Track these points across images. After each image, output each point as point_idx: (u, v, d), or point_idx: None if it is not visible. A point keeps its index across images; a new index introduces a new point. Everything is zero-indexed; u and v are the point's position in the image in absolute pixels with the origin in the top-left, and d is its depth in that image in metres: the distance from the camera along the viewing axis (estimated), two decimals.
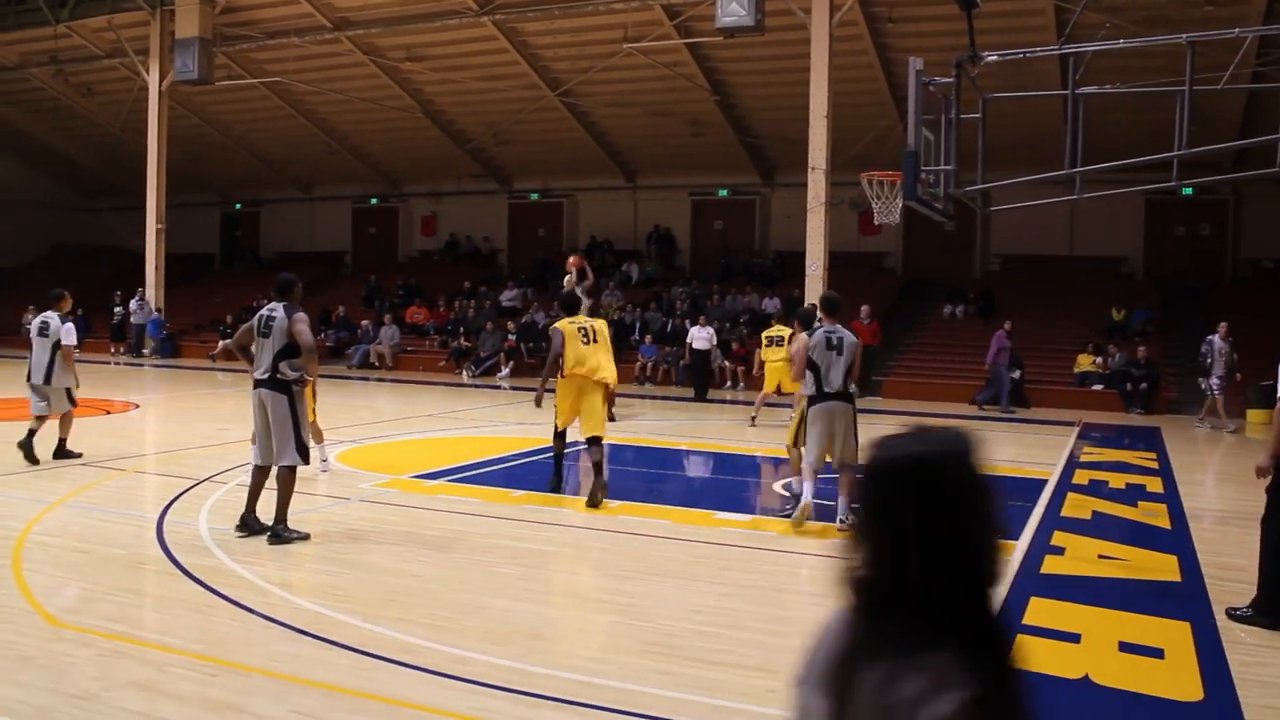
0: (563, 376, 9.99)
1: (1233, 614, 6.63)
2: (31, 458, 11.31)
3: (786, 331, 15.09)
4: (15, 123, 36.30)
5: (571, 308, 10.62)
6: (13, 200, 38.65)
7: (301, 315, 8.28)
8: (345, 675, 5.35)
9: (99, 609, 6.35)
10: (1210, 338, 17.95)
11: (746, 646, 5.96)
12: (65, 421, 11.87)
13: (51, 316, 11.76)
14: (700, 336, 22.50)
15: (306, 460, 8.39)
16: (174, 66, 27.36)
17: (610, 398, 11.47)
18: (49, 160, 39.42)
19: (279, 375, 8.15)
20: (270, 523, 8.19)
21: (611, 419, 12.86)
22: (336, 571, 7.42)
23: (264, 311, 8.38)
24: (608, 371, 10.19)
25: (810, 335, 9.35)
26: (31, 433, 11.49)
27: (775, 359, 15.16)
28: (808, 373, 9.25)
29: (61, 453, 11.71)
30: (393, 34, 27.00)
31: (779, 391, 15.33)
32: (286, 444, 8.17)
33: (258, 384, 8.25)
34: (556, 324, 10.15)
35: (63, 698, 4.94)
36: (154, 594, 7.02)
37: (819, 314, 9.78)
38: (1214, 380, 17.65)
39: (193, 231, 36.97)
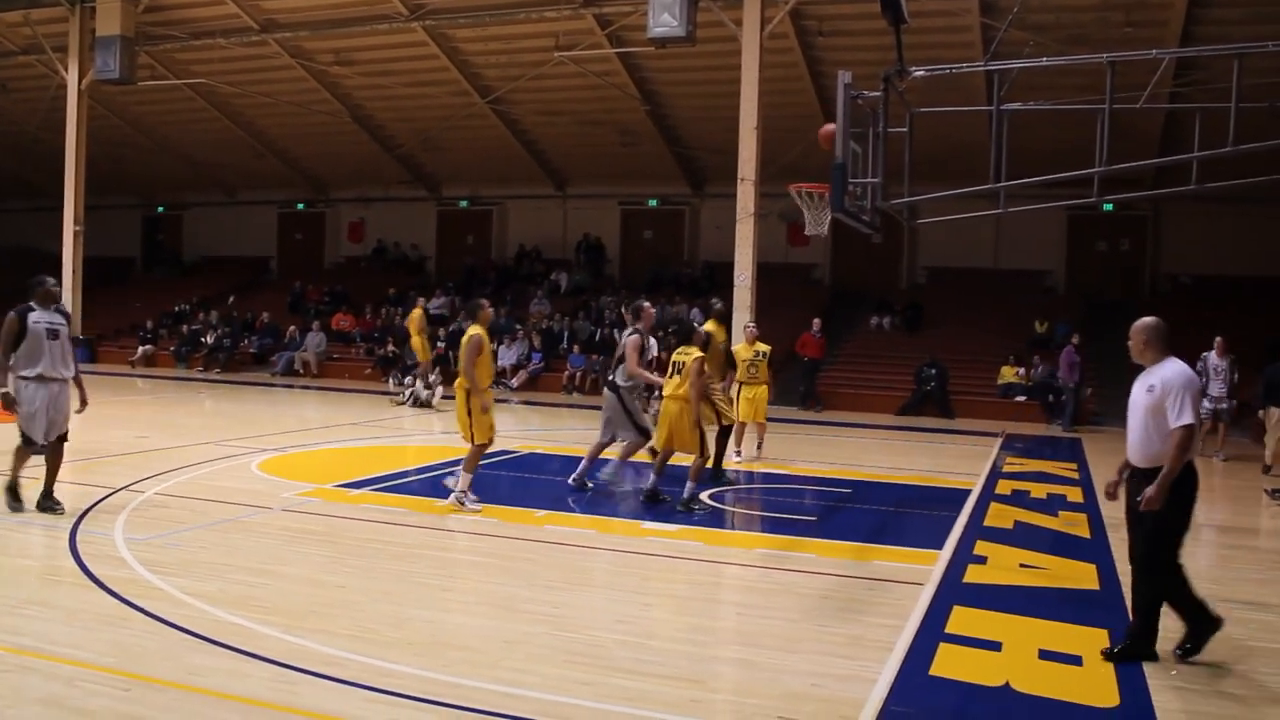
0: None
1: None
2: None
3: (766, 347, 14.64)
4: None
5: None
6: None
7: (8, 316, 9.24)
8: (265, 688, 5.24)
9: (6, 623, 6.15)
10: (1205, 355, 16.20)
11: (671, 656, 5.95)
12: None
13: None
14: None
15: (24, 443, 9.21)
16: (94, 65, 26.72)
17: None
18: None
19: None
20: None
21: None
22: (257, 582, 7.27)
23: None
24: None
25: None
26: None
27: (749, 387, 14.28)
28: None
29: None
30: (321, 37, 26.66)
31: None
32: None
33: None
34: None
35: None
36: (66, 606, 6.81)
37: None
38: (1204, 404, 15.82)
39: (113, 234, 36.19)
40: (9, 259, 36.83)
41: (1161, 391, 6.10)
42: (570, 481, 11.30)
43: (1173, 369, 6.16)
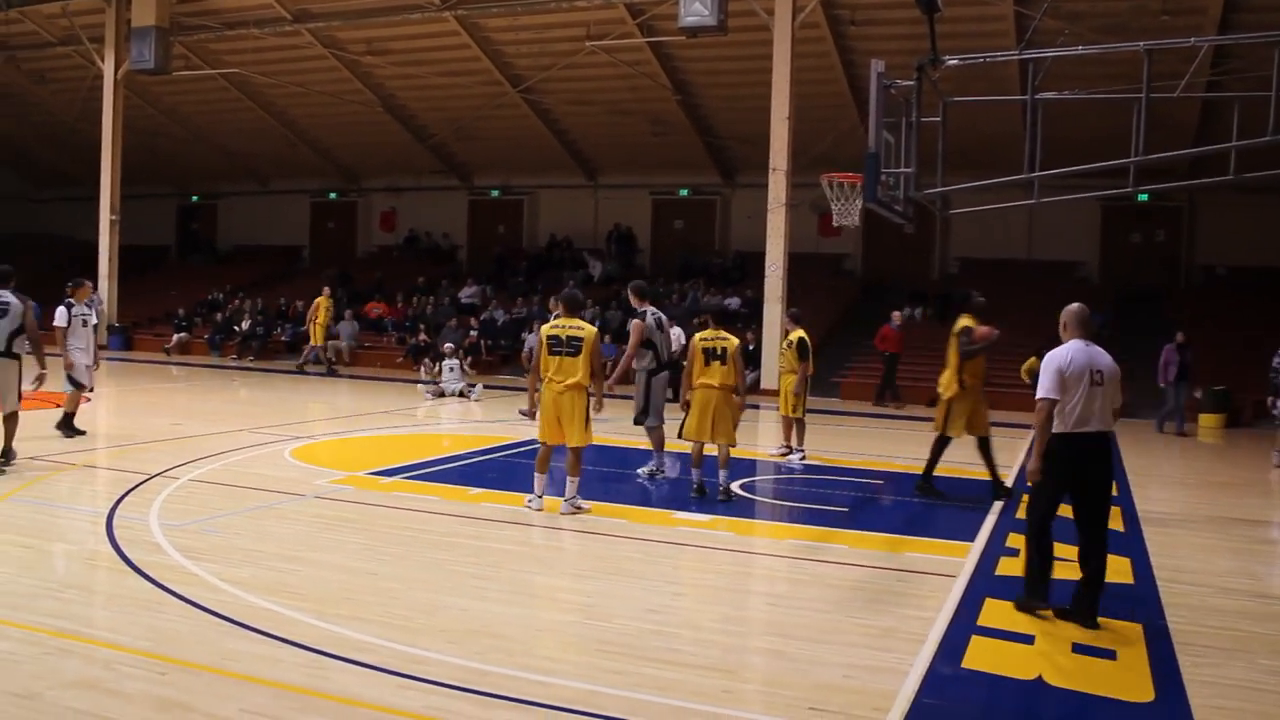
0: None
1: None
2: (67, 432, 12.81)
3: (795, 335, 13.56)
4: None
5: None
6: None
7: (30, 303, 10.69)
8: (298, 674, 5.28)
9: (45, 606, 6.22)
10: None
11: (702, 646, 5.95)
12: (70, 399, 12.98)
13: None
14: (673, 337, 22.13)
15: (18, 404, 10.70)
16: (130, 55, 26.98)
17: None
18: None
19: (14, 349, 10.55)
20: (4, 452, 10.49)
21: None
22: (290, 569, 7.33)
23: None
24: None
25: (643, 319, 11.38)
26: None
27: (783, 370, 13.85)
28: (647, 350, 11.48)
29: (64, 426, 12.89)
30: (354, 27, 26.81)
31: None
32: (9, 397, 10.56)
33: None
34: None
35: (5, 697, 4.83)
36: (103, 591, 6.89)
37: (633, 299, 11.77)
38: None
39: (148, 223, 36.56)
40: (48, 248, 37.35)
41: None
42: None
43: (1055, 350, 6.89)
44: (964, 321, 10.97)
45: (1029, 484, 6.91)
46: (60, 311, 13.00)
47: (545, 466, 9.59)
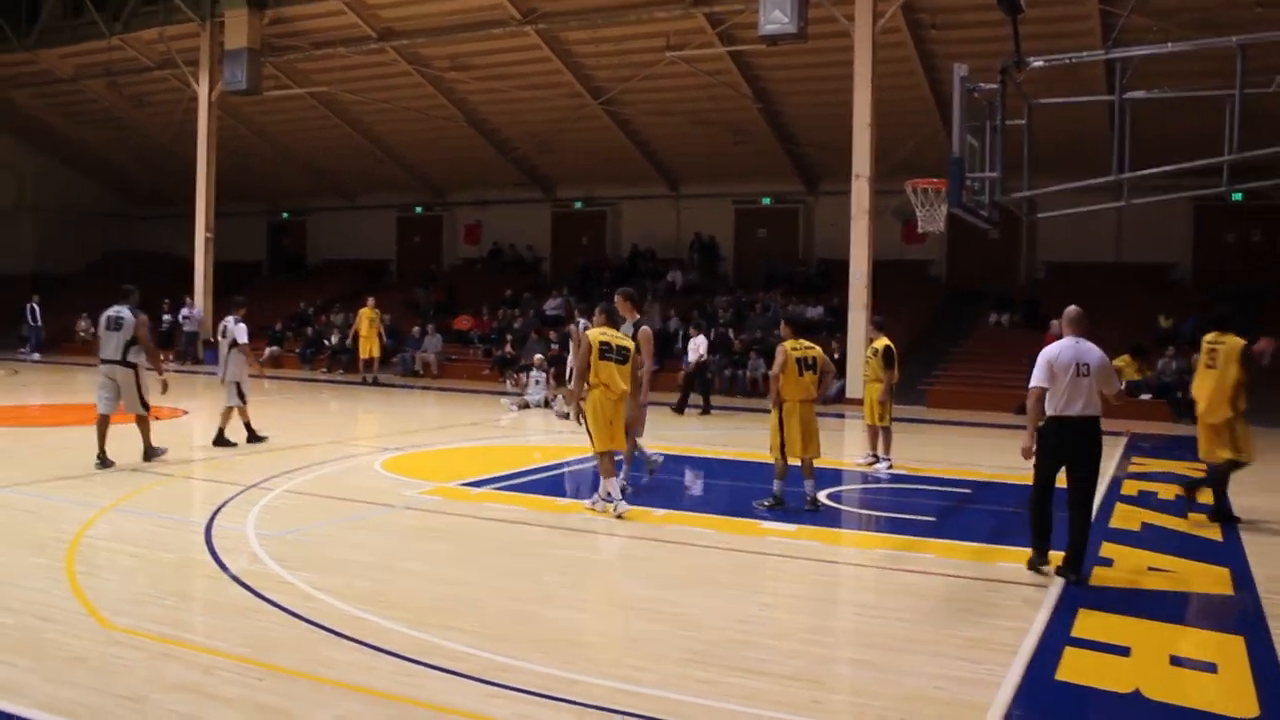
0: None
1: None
2: (224, 443, 13.56)
3: (880, 344, 13.47)
4: (70, 133, 36.99)
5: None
6: (66, 209, 39.64)
7: (144, 318, 11.98)
8: (390, 681, 5.38)
9: (149, 612, 6.43)
10: None
11: (790, 657, 5.93)
12: (228, 414, 13.75)
13: (229, 320, 13.86)
14: (693, 347, 22.12)
15: (147, 409, 12.01)
16: (223, 77, 27.77)
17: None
18: (101, 169, 40.18)
19: (129, 359, 11.71)
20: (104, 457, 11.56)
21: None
22: (383, 578, 7.46)
23: (111, 313, 11.83)
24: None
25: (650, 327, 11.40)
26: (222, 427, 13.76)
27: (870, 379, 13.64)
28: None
29: (220, 440, 13.60)
30: (437, 44, 27.23)
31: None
32: (133, 402, 11.79)
33: (107, 362, 11.73)
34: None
35: (113, 699, 5.01)
36: (202, 598, 7.09)
37: (627, 308, 11.17)
38: None
39: (241, 240, 37.48)
40: (147, 264, 38.56)
41: None
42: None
43: (1048, 346, 7.95)
44: (1233, 340, 10.17)
45: (1024, 459, 7.98)
46: (243, 329, 13.78)
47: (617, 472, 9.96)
